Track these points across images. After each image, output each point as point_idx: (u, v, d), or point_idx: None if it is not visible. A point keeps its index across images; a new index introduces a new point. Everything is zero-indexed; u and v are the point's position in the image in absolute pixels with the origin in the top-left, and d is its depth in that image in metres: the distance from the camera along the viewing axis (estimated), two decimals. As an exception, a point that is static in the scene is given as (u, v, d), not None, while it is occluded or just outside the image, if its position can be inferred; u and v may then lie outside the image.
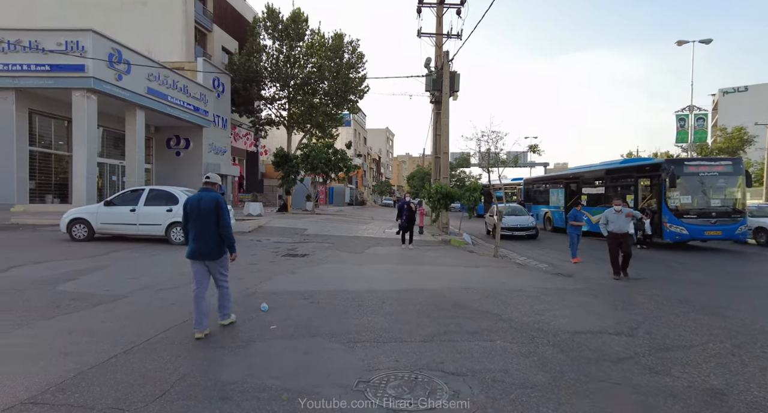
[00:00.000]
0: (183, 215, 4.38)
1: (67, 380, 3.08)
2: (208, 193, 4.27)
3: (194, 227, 4.22)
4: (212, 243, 4.22)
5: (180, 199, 10.57)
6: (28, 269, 6.88)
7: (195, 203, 4.21)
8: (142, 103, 19.37)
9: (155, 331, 4.20)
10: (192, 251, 4.25)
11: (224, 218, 4.23)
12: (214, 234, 4.21)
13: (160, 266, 7.60)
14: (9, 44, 16.64)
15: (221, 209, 4.24)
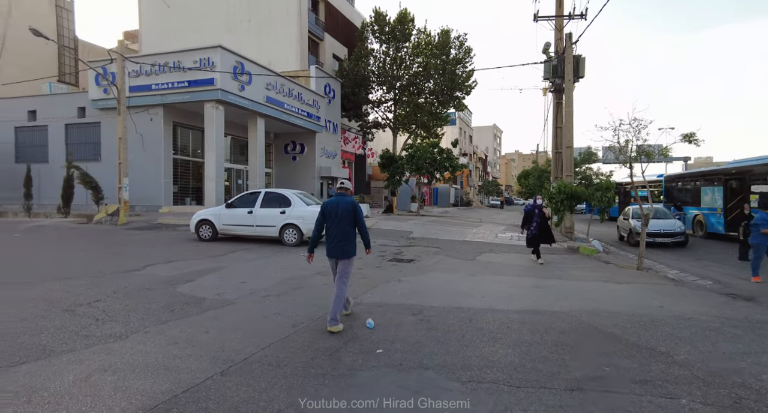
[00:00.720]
0: (318, 218, 4.85)
1: (160, 404, 2.79)
2: (344, 197, 4.76)
3: (331, 229, 4.73)
4: (346, 243, 4.69)
5: (292, 201, 10.76)
6: (160, 268, 7.33)
7: (333, 207, 4.72)
8: (261, 111, 20.78)
9: (255, 347, 3.86)
10: (329, 250, 4.82)
11: (362, 219, 4.76)
12: (348, 235, 4.69)
13: (271, 269, 7.59)
14: (160, 66, 19.10)
15: (358, 212, 4.74)
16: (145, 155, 19.70)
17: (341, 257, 4.73)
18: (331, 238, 4.73)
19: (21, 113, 22.31)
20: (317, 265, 7.98)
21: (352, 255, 4.77)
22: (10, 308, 4.73)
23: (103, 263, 7.70)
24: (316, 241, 4.96)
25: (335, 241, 4.70)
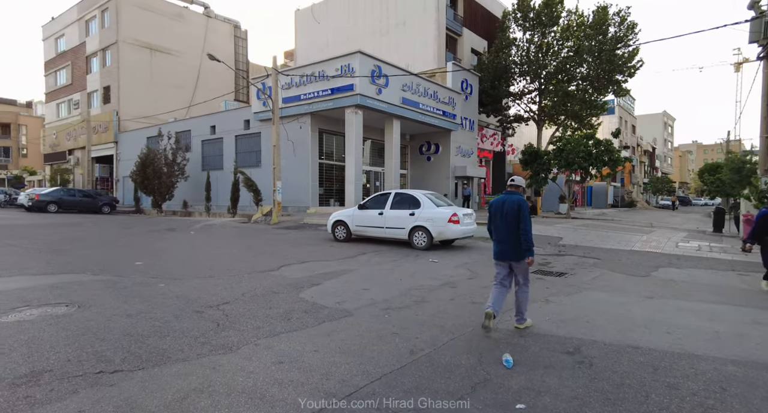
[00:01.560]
0: (488, 217, 4.62)
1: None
2: (511, 196, 4.44)
3: (498, 229, 4.46)
4: (513, 244, 4.35)
5: (422, 203, 10.14)
6: (292, 270, 7.39)
7: (499, 206, 4.44)
8: (397, 113, 20.82)
9: (363, 378, 3.21)
10: (496, 252, 4.52)
11: (524, 222, 4.31)
12: (516, 236, 4.33)
13: (396, 276, 7.02)
14: (307, 77, 20.64)
15: (522, 213, 4.33)
16: (295, 160, 21.49)
17: (511, 259, 4.42)
18: (499, 239, 4.48)
19: (205, 128, 26.61)
20: (446, 273, 7.15)
21: (525, 257, 4.35)
22: (156, 306, 5.01)
23: (246, 262, 8.14)
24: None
25: (502, 242, 4.44)
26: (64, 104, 40.61)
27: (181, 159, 24.58)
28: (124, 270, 6.99)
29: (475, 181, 28.00)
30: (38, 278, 6.24)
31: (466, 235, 10.19)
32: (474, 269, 7.73)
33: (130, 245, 10.18)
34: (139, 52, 34.95)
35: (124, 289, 5.70)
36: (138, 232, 13.29)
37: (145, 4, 35.47)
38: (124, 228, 14.46)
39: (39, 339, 3.79)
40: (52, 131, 41.69)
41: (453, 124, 24.65)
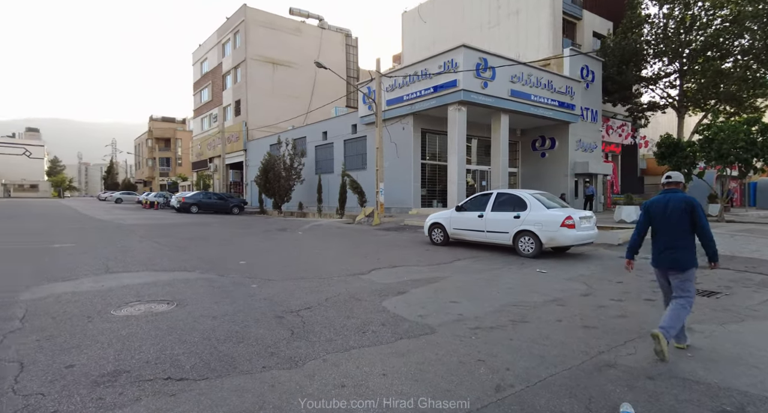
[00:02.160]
0: (640, 219, 4.14)
1: None
2: (674, 194, 3.96)
3: (661, 234, 3.96)
4: (678, 251, 3.84)
5: (528, 204, 9.07)
6: (381, 274, 7.10)
7: (660, 206, 3.95)
8: (505, 106, 19.47)
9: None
10: (655, 259, 4.03)
11: (703, 221, 3.80)
12: (682, 240, 3.84)
13: (493, 288, 6.24)
14: (410, 77, 20.47)
15: (697, 211, 3.82)
16: (398, 162, 21.49)
17: (672, 269, 3.88)
18: (659, 244, 3.97)
19: (318, 134, 28.21)
20: (555, 287, 6.15)
21: (690, 267, 3.83)
22: (242, 308, 5.10)
23: (339, 263, 8.09)
24: (635, 247, 4.19)
25: (663, 248, 3.92)
26: (206, 119, 46.88)
27: (298, 164, 26.38)
28: (228, 269, 7.41)
29: (600, 178, 24.97)
30: (158, 274, 6.90)
31: (583, 241, 8.84)
32: (591, 284, 6.55)
33: (242, 245, 10.97)
34: (263, 67, 38.63)
35: (221, 288, 5.94)
36: (254, 232, 14.40)
37: (268, 22, 39.10)
38: (243, 228, 15.84)
39: (133, 336, 4.00)
40: (197, 143, 48.50)
41: (571, 115, 22.27)
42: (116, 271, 7.00)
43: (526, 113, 20.34)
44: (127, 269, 7.20)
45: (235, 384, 3.10)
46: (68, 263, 7.62)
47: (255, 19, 38.68)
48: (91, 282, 6.16)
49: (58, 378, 3.10)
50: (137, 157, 76.95)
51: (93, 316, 4.57)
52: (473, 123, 21.77)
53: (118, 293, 5.53)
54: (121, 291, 5.65)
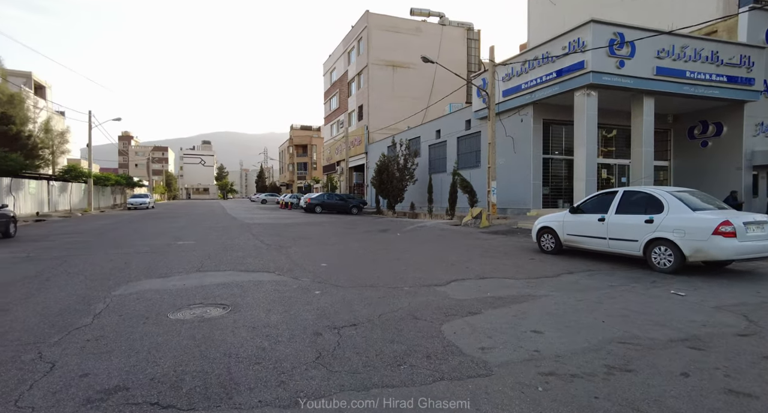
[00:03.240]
0: None
1: None
2: None
3: None
4: None
5: (666, 204, 7.04)
6: (461, 286, 6.17)
7: None
8: (649, 88, 16.23)
9: None
10: None
11: None
12: None
13: (599, 314, 4.79)
14: (529, 63, 18.50)
15: None
16: (515, 158, 19.64)
17: None
18: None
19: (431, 133, 27.61)
20: (694, 319, 4.47)
21: None
22: (288, 318, 4.79)
23: (420, 271, 7.33)
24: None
25: None
26: (335, 125, 50.04)
27: (411, 164, 26.17)
28: (307, 271, 7.24)
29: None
30: (240, 274, 7.05)
31: (750, 255, 6.49)
32: (755, 319, 4.62)
33: (337, 245, 10.92)
34: (383, 70, 39.54)
35: (283, 293, 5.71)
36: (355, 232, 14.43)
37: (390, 26, 39.89)
38: (348, 228, 16.05)
39: (164, 345, 3.84)
40: (327, 148, 52.13)
41: (747, 92, 17.61)
42: (206, 270, 7.38)
43: (678, 93, 16.67)
44: (217, 268, 7.55)
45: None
46: (174, 260, 8.35)
47: (377, 24, 39.82)
48: (177, 280, 6.52)
49: (61, 389, 3.02)
50: (280, 162, 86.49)
51: (150, 317, 4.65)
52: (608, 110, 18.76)
53: (190, 294, 5.68)
54: (194, 292, 5.80)
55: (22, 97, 35.05)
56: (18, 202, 23.31)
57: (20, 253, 9.47)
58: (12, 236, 12.13)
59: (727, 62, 17.02)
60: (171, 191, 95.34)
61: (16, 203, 22.26)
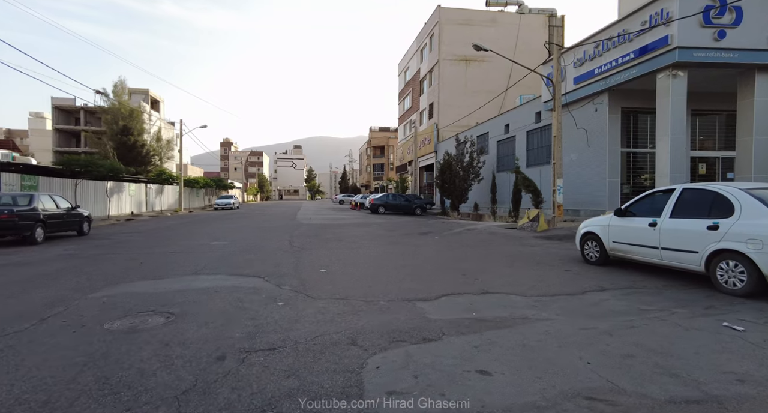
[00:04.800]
0: None
1: None
2: None
3: None
4: None
5: (737, 205, 5.32)
6: (447, 304, 5.21)
7: None
8: (762, 61, 13.18)
9: None
10: None
11: None
12: None
13: (595, 351, 3.58)
14: (603, 44, 16.21)
15: None
16: (589, 152, 17.38)
17: None
18: None
19: (500, 128, 25.77)
20: (739, 368, 3.12)
21: None
22: (211, 338, 4.35)
23: (417, 281, 6.46)
24: None
25: None
26: (408, 125, 49.57)
27: (476, 162, 24.69)
28: (296, 278, 6.77)
29: None
30: (229, 278, 6.82)
31: None
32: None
33: (361, 248, 10.34)
34: (455, 66, 38.12)
35: (243, 303, 5.28)
36: (396, 234, 13.71)
37: (463, 19, 38.38)
38: (393, 230, 15.35)
39: (50, 363, 3.53)
40: (400, 148, 51.88)
41: None
42: (202, 272, 7.27)
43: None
44: (215, 271, 7.41)
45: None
46: (185, 262, 8.44)
47: (449, 18, 38.55)
48: (166, 283, 6.45)
49: None
50: (360, 164, 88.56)
51: (86, 326, 4.44)
52: (705, 94, 15.82)
53: (157, 299, 5.50)
54: (163, 296, 5.62)
55: (140, 112, 40.37)
56: (120, 203, 26.51)
57: (71, 250, 10.39)
58: (86, 234, 13.56)
59: None
60: (264, 193, 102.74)
61: (111, 204, 25.26)
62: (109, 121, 37.64)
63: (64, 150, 51.27)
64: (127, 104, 39.90)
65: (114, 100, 39.49)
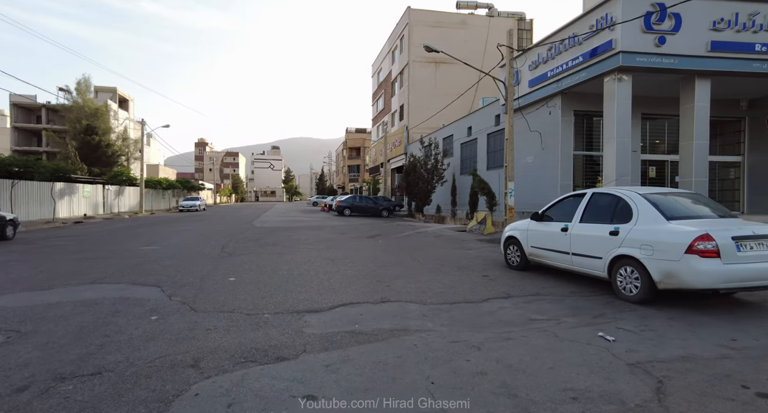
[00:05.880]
0: None
1: None
2: None
3: None
4: None
5: (636, 211, 5.20)
6: (335, 316, 4.91)
7: None
8: (702, 67, 13.41)
9: None
10: None
11: None
12: None
13: (442, 370, 3.32)
14: (555, 47, 16.27)
15: None
16: (544, 155, 17.45)
17: None
18: None
19: (463, 130, 25.77)
20: (558, 381, 2.90)
21: None
22: (41, 360, 3.87)
23: (321, 290, 6.16)
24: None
25: None
26: (381, 126, 49.37)
27: (441, 164, 24.60)
28: (195, 288, 6.38)
29: None
30: (127, 287, 6.39)
31: (741, 284, 4.47)
32: (669, 387, 2.91)
33: (294, 253, 9.96)
34: (425, 68, 38.12)
35: (110, 317, 4.88)
36: (344, 238, 13.38)
37: (432, 21, 38.42)
38: (343, 233, 15.02)
39: None
40: (373, 150, 51.67)
41: (840, 67, 13.90)
42: (103, 281, 6.81)
43: (743, 72, 13.59)
44: (119, 279, 6.94)
45: None
46: (91, 270, 7.92)
47: (419, 20, 38.56)
48: (52, 293, 5.98)
49: None
50: (336, 165, 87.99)
51: None
52: (655, 98, 16.03)
53: (11, 315, 4.96)
54: (20, 312, 5.04)
55: (105, 110, 39.06)
56: (72, 205, 25.42)
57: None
58: (9, 239, 12.76)
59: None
60: (238, 194, 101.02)
61: (63, 206, 24.20)
62: (72, 119, 36.36)
63: (24, 149, 49.27)
64: (91, 103, 38.59)
65: (77, 97, 38.14)
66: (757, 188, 16.98)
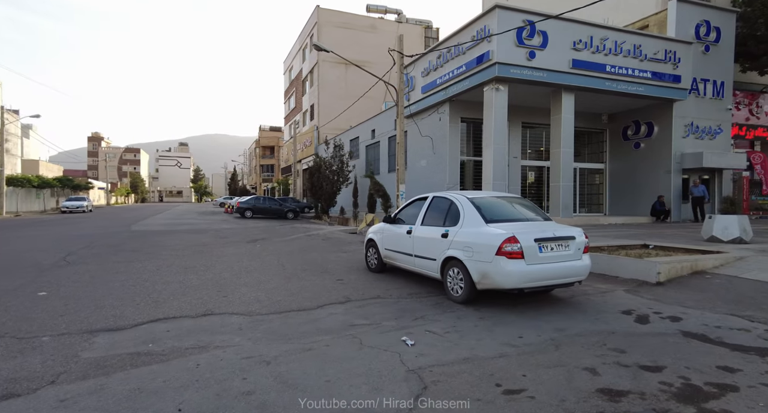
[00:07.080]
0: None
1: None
2: None
3: None
4: None
5: (462, 214, 5.36)
6: (124, 337, 4.39)
7: None
8: (565, 82, 14.75)
9: None
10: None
11: None
12: None
13: (190, 394, 3.07)
14: (443, 56, 16.89)
15: None
16: (434, 159, 18.04)
17: None
18: None
19: (368, 133, 25.93)
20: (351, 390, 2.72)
21: None
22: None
23: (147, 304, 5.56)
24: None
25: None
26: (293, 125, 48.09)
27: (346, 166, 24.45)
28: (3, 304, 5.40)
29: (726, 175, 17.97)
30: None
31: (537, 283, 4.79)
32: (432, 390, 2.91)
33: (146, 262, 9.06)
34: (335, 68, 37.81)
35: None
36: (225, 243, 12.58)
37: (342, 22, 38.24)
38: (226, 237, 14.17)
39: None
40: (285, 149, 50.23)
41: (674, 90, 16.24)
42: None
43: (599, 89, 15.24)
44: None
45: None
46: None
47: (328, 20, 38.17)
48: None
49: None
50: (250, 165, 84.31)
51: None
52: (534, 108, 17.30)
53: None
54: None
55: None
56: None
57: None
58: None
59: (651, 57, 15.63)
60: (138, 194, 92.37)
61: None
62: None
63: None
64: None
65: None
66: (616, 192, 19.16)
